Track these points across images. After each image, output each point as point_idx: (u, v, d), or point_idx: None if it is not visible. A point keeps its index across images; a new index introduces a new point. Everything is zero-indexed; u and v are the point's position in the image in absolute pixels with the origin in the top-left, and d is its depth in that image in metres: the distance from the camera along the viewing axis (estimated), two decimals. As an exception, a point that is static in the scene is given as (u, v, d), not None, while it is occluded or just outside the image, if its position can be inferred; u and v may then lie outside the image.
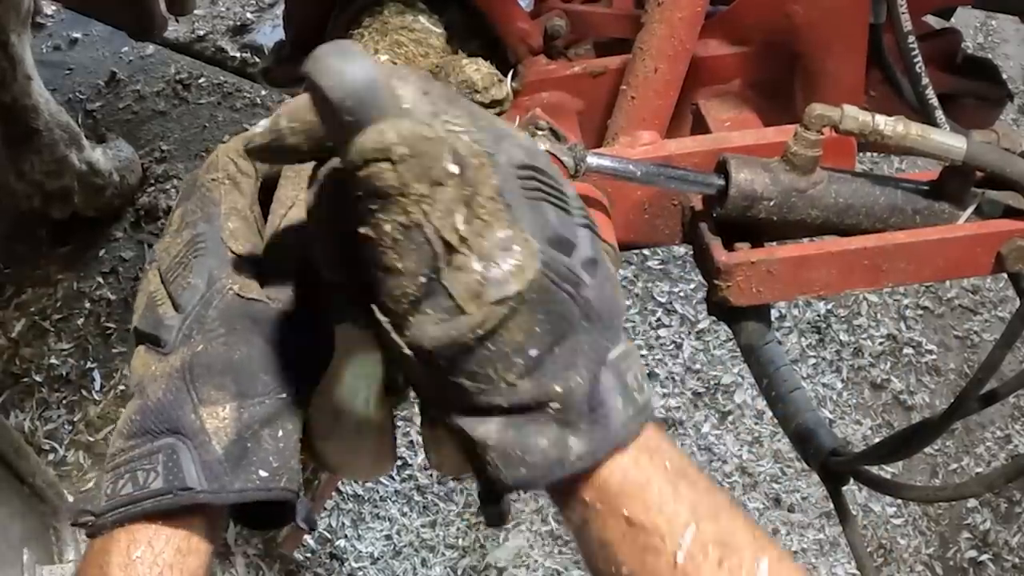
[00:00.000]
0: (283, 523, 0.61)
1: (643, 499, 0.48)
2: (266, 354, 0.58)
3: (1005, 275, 0.94)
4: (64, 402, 1.97)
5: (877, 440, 1.41)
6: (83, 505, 0.57)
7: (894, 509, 1.97)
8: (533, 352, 0.46)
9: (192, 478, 0.55)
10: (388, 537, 1.86)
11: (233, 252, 0.60)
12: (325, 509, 1.85)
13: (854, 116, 0.84)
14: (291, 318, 0.59)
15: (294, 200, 0.63)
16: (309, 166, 0.65)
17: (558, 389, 0.47)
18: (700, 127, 1.05)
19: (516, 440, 0.47)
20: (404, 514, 1.88)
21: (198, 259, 0.60)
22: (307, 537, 1.81)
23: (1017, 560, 1.93)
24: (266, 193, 0.66)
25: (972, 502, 1.99)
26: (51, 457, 1.89)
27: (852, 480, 1.05)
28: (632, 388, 0.50)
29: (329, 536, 1.84)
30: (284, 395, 0.59)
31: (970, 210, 0.90)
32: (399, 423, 1.94)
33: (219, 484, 0.55)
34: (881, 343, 2.20)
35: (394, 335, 0.47)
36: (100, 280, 2.16)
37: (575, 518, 0.50)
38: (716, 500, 0.49)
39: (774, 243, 0.93)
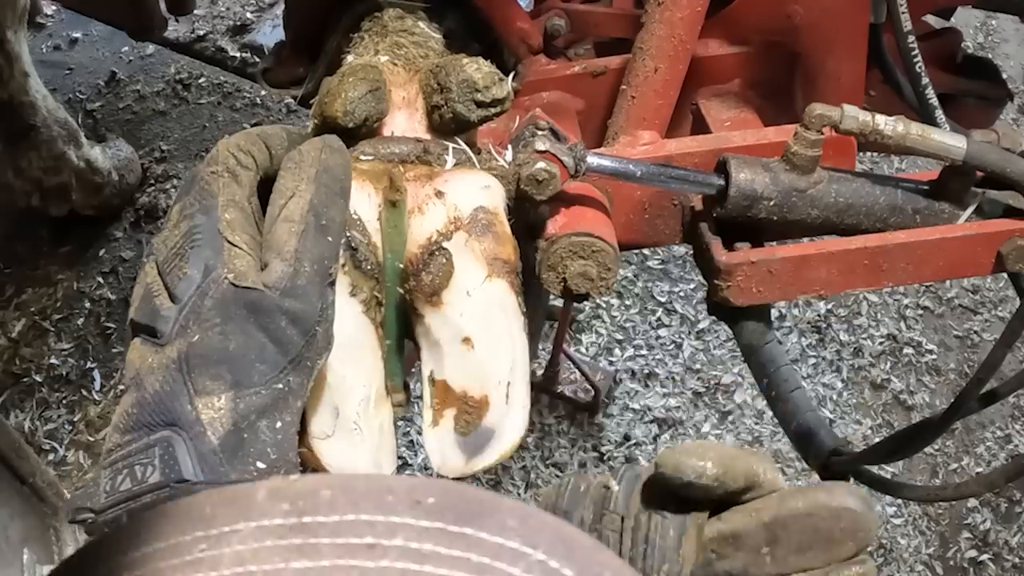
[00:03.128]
0: None
1: None
2: (262, 343, 0.58)
3: (1005, 275, 0.94)
4: (64, 402, 1.97)
5: (877, 440, 1.41)
6: (81, 502, 0.56)
7: (894, 509, 1.97)
8: None
9: (188, 470, 0.55)
10: (388, 537, 1.85)
11: (230, 242, 0.60)
12: (325, 509, 1.84)
13: (854, 116, 0.84)
14: (290, 308, 0.59)
15: (294, 191, 0.63)
16: (311, 158, 0.65)
17: None
18: (700, 127, 1.05)
19: None
20: (404, 514, 1.88)
21: (194, 250, 0.60)
22: (307, 537, 1.80)
23: (1017, 560, 1.93)
24: (265, 186, 0.66)
25: (972, 502, 1.98)
26: (51, 457, 1.89)
27: (852, 480, 1.05)
28: None
29: (329, 536, 1.84)
30: (281, 385, 0.58)
31: (970, 210, 0.89)
32: (399, 423, 1.94)
33: (215, 475, 0.55)
34: (881, 343, 2.20)
35: None
36: (100, 280, 2.16)
37: None
38: None
39: (774, 243, 0.93)
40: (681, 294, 2.24)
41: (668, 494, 0.60)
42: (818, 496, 0.56)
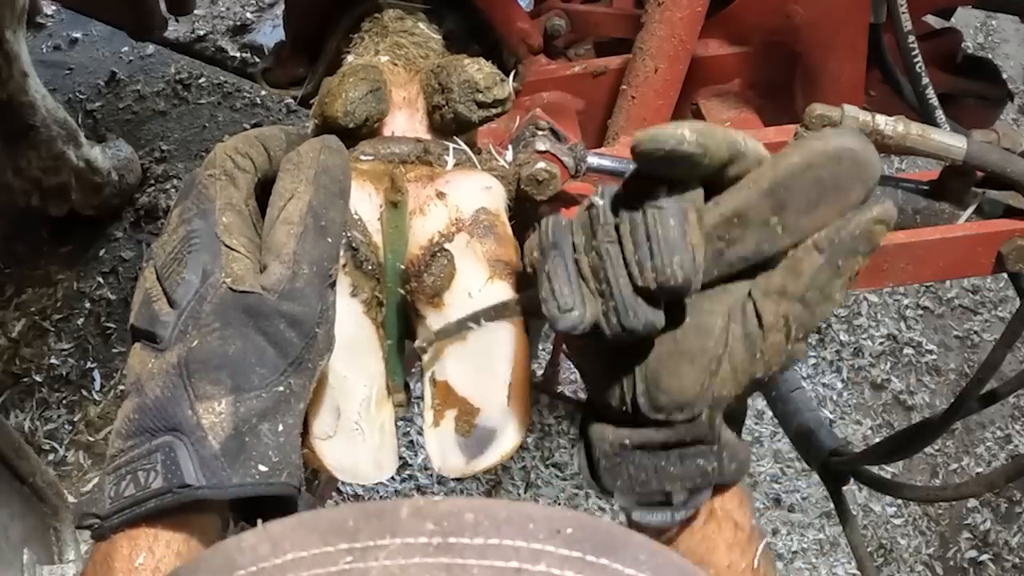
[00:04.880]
0: None
1: (745, 511, 0.64)
2: (261, 347, 0.58)
3: (1005, 275, 0.94)
4: (64, 402, 1.97)
5: (877, 440, 1.42)
6: (86, 508, 0.57)
7: (894, 509, 1.97)
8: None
9: (190, 475, 0.55)
10: (388, 537, 1.85)
11: (227, 246, 0.60)
12: (325, 509, 1.84)
13: (854, 116, 0.84)
14: (288, 311, 0.59)
15: (293, 192, 0.63)
16: (309, 159, 0.65)
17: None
18: (700, 127, 1.05)
19: None
20: (404, 514, 1.88)
21: (192, 255, 0.60)
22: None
23: (1017, 560, 1.93)
24: (264, 189, 0.66)
25: (972, 502, 1.99)
26: (51, 457, 1.89)
27: (852, 480, 1.05)
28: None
29: (329, 536, 1.84)
30: (281, 388, 0.59)
31: (970, 210, 0.89)
32: (399, 423, 1.94)
33: (217, 479, 0.55)
34: (881, 343, 2.20)
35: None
36: (100, 280, 2.16)
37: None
38: None
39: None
40: (681, 294, 2.24)
41: (655, 185, 0.54)
42: (812, 145, 0.53)
